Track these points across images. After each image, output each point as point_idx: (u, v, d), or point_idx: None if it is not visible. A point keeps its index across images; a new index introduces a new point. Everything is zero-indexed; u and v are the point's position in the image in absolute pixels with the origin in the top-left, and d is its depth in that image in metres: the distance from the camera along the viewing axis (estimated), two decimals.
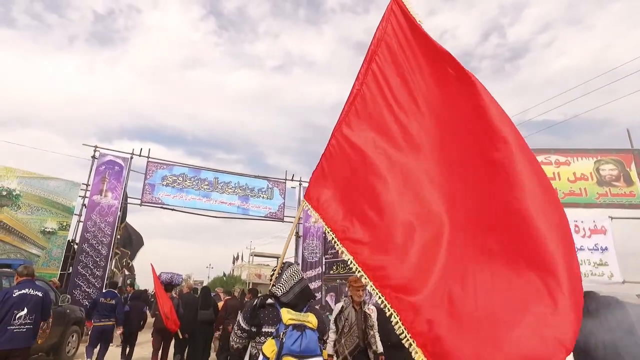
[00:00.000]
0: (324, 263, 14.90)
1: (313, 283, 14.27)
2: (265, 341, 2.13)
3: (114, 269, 24.89)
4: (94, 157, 13.03)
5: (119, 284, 21.69)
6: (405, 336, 1.91)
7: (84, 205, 12.45)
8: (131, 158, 13.56)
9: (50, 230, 11.65)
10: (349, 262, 2.29)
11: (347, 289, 4.61)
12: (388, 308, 2.02)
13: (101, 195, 12.61)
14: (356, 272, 2.24)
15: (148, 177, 13.58)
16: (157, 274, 7.32)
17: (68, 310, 7.99)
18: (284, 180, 15.44)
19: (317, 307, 4.50)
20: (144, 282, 35.71)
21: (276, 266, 2.54)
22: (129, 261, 22.69)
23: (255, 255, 54.95)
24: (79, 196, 12.53)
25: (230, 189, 14.52)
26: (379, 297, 2.07)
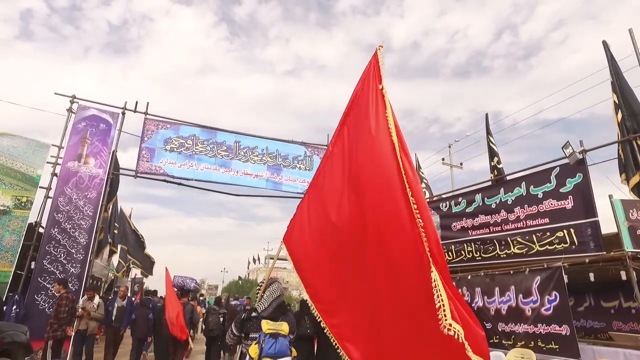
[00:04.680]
0: None
1: None
2: (251, 344, 3.00)
3: (117, 273, 21.43)
4: (70, 110, 9.42)
5: (118, 288, 18.13)
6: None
7: (55, 174, 8.81)
8: (123, 114, 9.92)
9: (2, 208, 7.99)
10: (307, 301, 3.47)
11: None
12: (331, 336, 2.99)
13: (80, 161, 8.99)
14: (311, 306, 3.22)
15: (146, 139, 9.90)
16: (172, 277, 7.04)
17: None
18: (325, 146, 11.63)
19: None
20: (154, 285, 32.36)
21: (261, 284, 3.43)
22: (145, 274, 19.23)
23: (272, 259, 51.88)
24: (47, 162, 8.88)
25: (257, 156, 10.76)
26: (326, 329, 3.04)
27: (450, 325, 1.95)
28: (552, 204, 7.21)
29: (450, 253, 9.09)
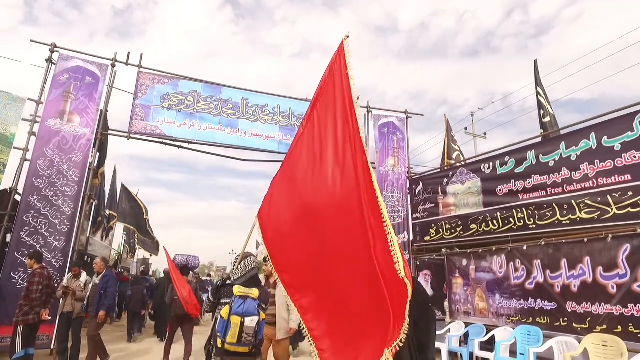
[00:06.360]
0: (411, 226, 9.81)
1: None
2: (222, 308, 3.17)
3: (122, 253, 20.42)
4: (50, 60, 8.08)
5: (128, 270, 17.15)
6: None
7: (33, 133, 7.55)
8: (113, 66, 8.57)
9: None
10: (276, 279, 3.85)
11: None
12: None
13: (62, 119, 7.71)
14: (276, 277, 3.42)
15: (140, 95, 8.58)
16: (172, 257, 6.77)
17: None
18: None
19: None
20: (161, 266, 31.62)
21: (238, 255, 3.57)
22: (154, 243, 18.18)
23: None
24: (24, 119, 7.62)
25: (267, 115, 9.41)
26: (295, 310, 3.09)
27: (403, 276, 2.13)
28: (634, 157, 5.79)
29: (495, 222, 7.76)
